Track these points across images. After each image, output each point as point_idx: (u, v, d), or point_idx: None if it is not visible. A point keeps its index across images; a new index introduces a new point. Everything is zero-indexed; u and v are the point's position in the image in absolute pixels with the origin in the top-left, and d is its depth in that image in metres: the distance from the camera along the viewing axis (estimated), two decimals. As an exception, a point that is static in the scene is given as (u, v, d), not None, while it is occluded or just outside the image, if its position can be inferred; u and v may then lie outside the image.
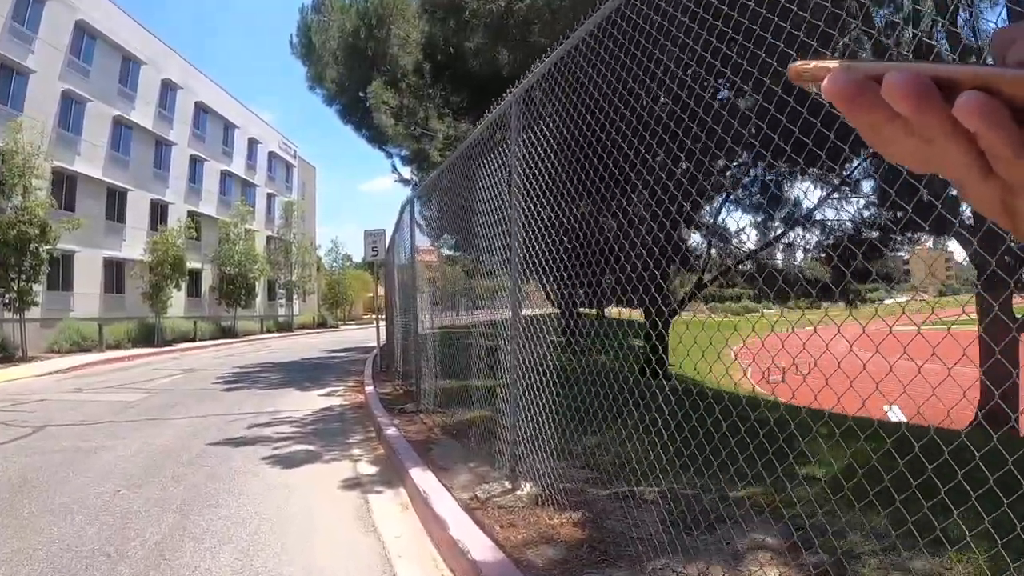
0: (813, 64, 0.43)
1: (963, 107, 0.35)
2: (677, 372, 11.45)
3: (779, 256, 14.58)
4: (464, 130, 13.08)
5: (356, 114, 19.86)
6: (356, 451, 7.18)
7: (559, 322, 7.76)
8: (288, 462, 6.59)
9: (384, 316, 17.79)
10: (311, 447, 7.37)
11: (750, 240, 14.43)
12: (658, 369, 12.51)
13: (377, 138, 20.30)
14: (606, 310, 16.01)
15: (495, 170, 5.48)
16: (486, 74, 13.78)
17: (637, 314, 13.78)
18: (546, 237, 4.67)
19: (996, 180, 0.38)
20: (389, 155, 22.91)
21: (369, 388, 11.57)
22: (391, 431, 7.23)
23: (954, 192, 0.44)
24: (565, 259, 4.95)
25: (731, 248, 14.91)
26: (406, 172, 23.30)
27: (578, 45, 4.12)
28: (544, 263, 4.75)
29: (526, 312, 5.01)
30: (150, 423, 9.13)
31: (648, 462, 5.07)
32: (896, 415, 6.76)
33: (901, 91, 0.36)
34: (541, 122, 4.88)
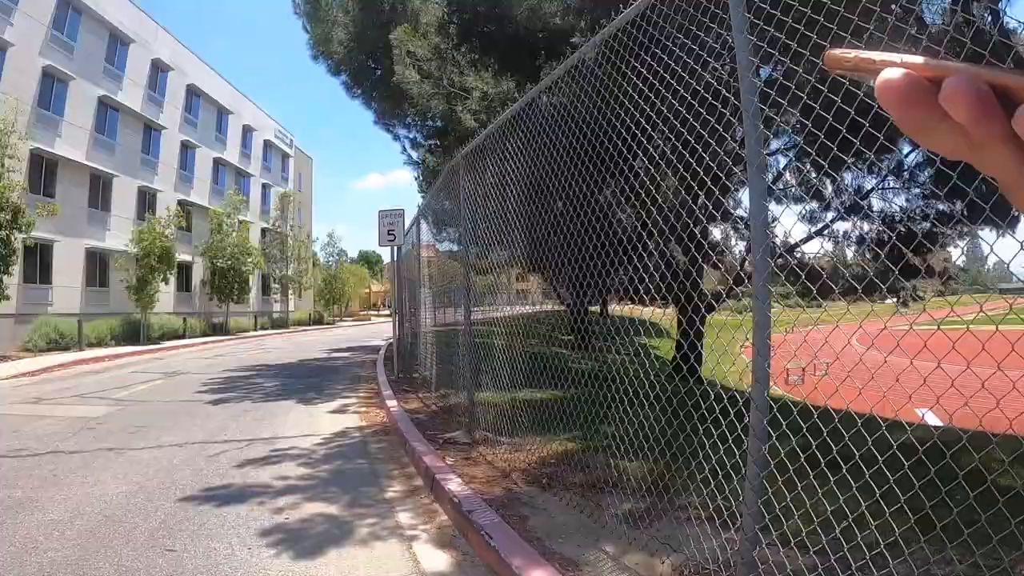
0: (854, 54, 0.41)
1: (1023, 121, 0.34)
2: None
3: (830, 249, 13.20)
4: (506, 89, 10.78)
5: (365, 83, 17.48)
6: (404, 516, 4.77)
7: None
8: (301, 542, 4.22)
9: (398, 311, 15.41)
10: (332, 508, 4.98)
11: (791, 234, 12.96)
12: (695, 366, 10.64)
13: (389, 112, 18.00)
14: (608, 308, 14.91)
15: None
16: (531, 28, 11.57)
17: (643, 313, 11.70)
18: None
19: None
20: (397, 137, 20.87)
21: (392, 403, 9.24)
22: (454, 484, 4.85)
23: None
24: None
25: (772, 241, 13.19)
26: (415, 157, 21.31)
27: None
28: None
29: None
30: (106, 457, 6.79)
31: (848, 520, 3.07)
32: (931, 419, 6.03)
33: (963, 100, 0.35)
34: None
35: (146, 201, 32.77)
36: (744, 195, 13.66)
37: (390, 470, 6.14)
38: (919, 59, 0.38)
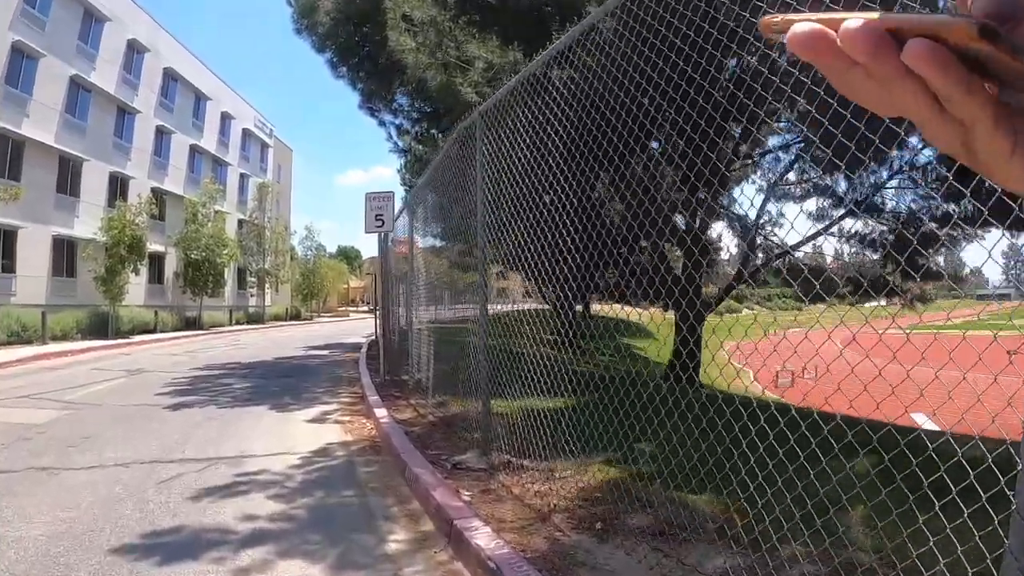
0: (780, 18, 0.44)
1: (909, 52, 0.37)
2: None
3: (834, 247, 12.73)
4: (513, 60, 9.58)
5: (352, 60, 16.21)
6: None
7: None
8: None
9: (383, 305, 14.19)
10: (316, 569, 3.68)
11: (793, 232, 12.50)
12: (691, 374, 9.71)
13: (376, 93, 16.78)
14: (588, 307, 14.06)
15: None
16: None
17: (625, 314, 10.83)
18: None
19: (952, 120, 0.40)
20: (383, 123, 19.85)
21: (381, 413, 8.02)
22: (483, 536, 3.52)
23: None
24: None
25: (770, 240, 12.68)
26: (402, 145, 20.29)
27: None
28: None
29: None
30: (36, 479, 5.50)
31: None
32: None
33: (856, 39, 0.39)
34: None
35: (118, 187, 31.27)
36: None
37: (388, 506, 4.85)
38: (825, 14, 0.41)
